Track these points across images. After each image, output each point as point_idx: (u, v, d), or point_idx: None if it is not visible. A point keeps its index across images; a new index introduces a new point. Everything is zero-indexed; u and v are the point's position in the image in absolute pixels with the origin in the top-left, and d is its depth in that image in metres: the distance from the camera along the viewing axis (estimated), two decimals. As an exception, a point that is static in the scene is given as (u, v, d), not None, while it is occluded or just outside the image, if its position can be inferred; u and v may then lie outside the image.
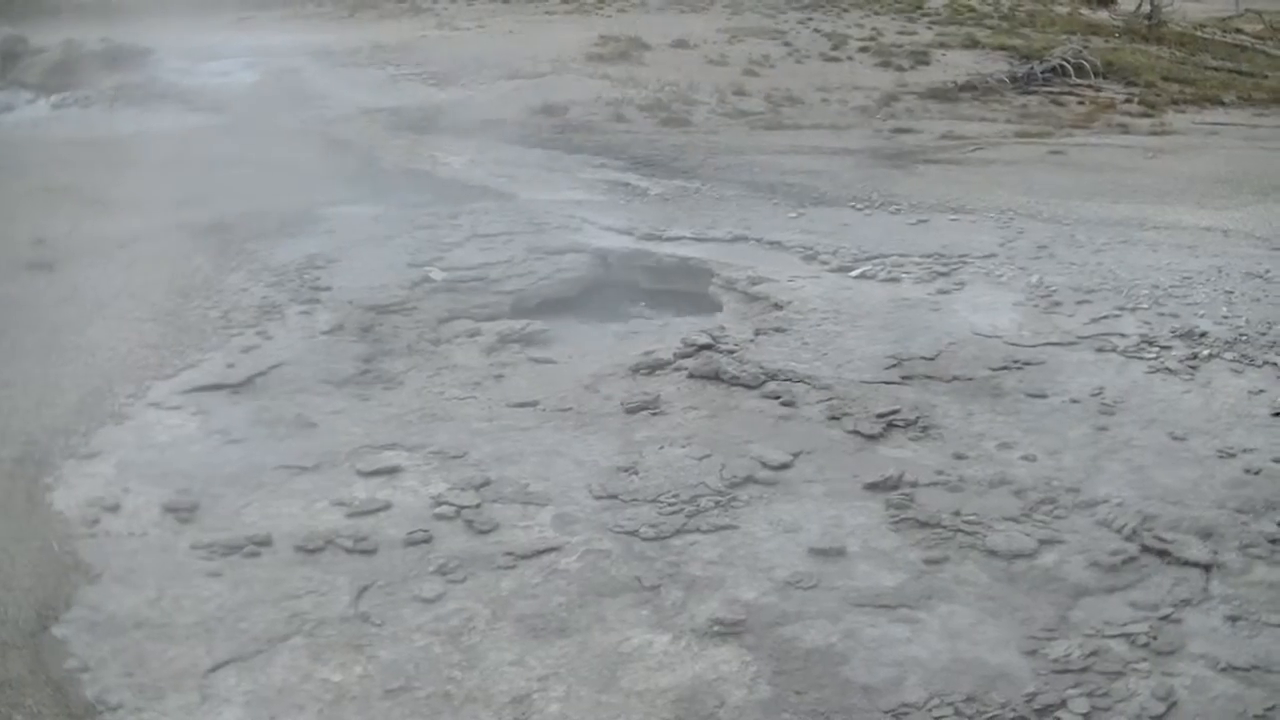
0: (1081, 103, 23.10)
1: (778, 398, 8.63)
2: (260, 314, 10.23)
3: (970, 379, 8.96)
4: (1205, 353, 9.37)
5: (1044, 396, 8.67)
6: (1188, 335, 9.71)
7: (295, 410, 8.44)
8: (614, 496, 7.21)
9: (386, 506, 7.07)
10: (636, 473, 7.51)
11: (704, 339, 9.47)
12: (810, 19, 30.87)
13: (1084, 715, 5.31)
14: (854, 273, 11.42)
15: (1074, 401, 8.58)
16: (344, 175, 14.82)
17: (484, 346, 9.75)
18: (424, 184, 14.64)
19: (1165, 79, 25.39)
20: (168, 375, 8.98)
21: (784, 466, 7.59)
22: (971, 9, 33.78)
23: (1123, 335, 9.76)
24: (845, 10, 32.59)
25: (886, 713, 5.37)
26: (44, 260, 11.52)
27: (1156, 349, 9.46)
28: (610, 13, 31.85)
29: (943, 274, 11.31)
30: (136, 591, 6.24)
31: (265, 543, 6.67)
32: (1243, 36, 32.54)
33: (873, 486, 7.32)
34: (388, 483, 7.38)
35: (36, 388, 8.67)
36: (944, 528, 6.86)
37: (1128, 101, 23.35)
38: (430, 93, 20.81)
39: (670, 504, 7.09)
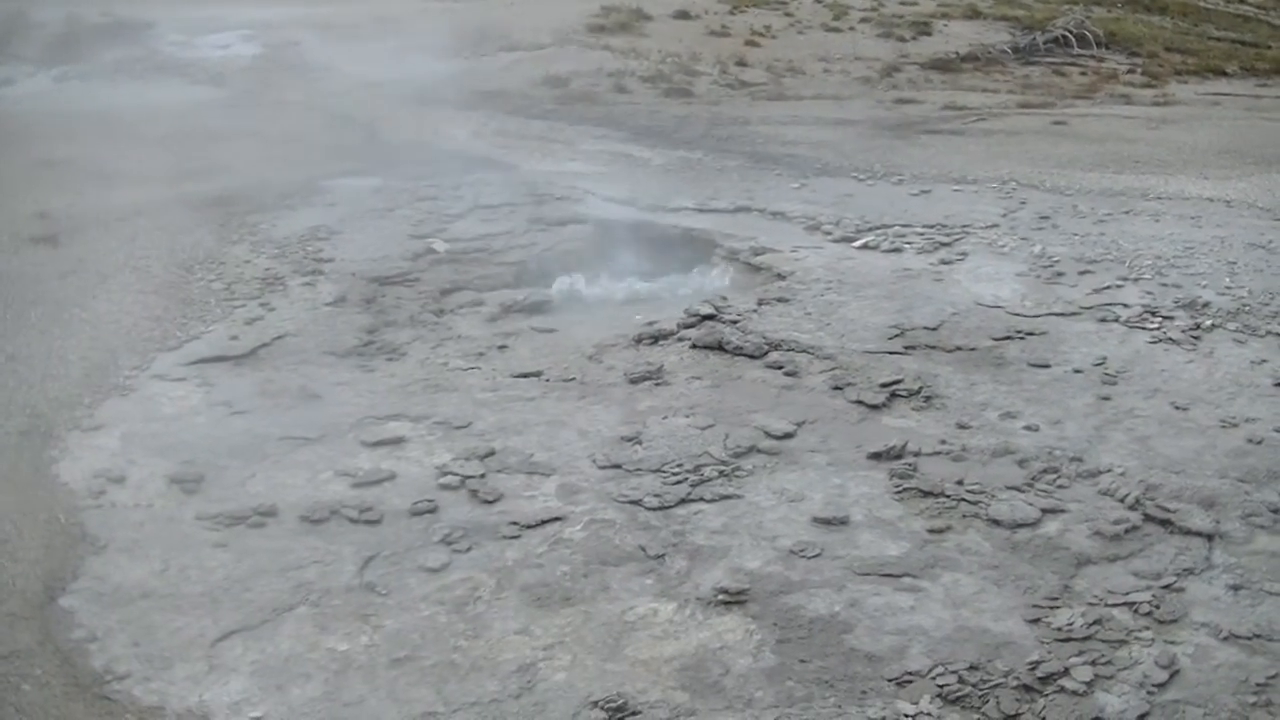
0: (1084, 73, 23.08)
1: (781, 368, 8.63)
2: (263, 286, 10.23)
3: (973, 349, 8.97)
4: (1208, 323, 9.38)
5: (1047, 366, 8.68)
6: (1190, 305, 9.72)
7: (299, 382, 8.45)
8: (618, 466, 7.22)
9: (391, 477, 7.08)
10: (640, 442, 7.52)
11: (707, 309, 9.47)
12: (812, -11, 30.79)
13: (1087, 684, 5.32)
14: (857, 243, 11.43)
15: (1077, 371, 8.59)
16: (346, 147, 14.82)
17: (487, 316, 9.77)
18: (426, 156, 14.62)
19: (1168, 49, 25.36)
20: (172, 348, 8.99)
21: (787, 436, 7.60)
22: (974, -21, 33.68)
23: (1125, 305, 9.76)
24: (847, -20, 32.51)
25: (890, 681, 5.39)
26: (47, 234, 11.52)
27: (1159, 319, 9.47)
28: (611, -18, 31.79)
29: (945, 244, 11.32)
30: (143, 562, 6.26)
31: (270, 513, 6.69)
32: (1246, 6, 32.45)
33: (876, 456, 7.34)
34: (392, 453, 7.39)
35: (41, 361, 8.67)
36: (947, 497, 6.87)
37: (1130, 72, 23.34)
38: (431, 65, 20.76)
39: (674, 474, 7.10)
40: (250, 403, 8.10)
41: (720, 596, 5.95)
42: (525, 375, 8.60)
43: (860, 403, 8.08)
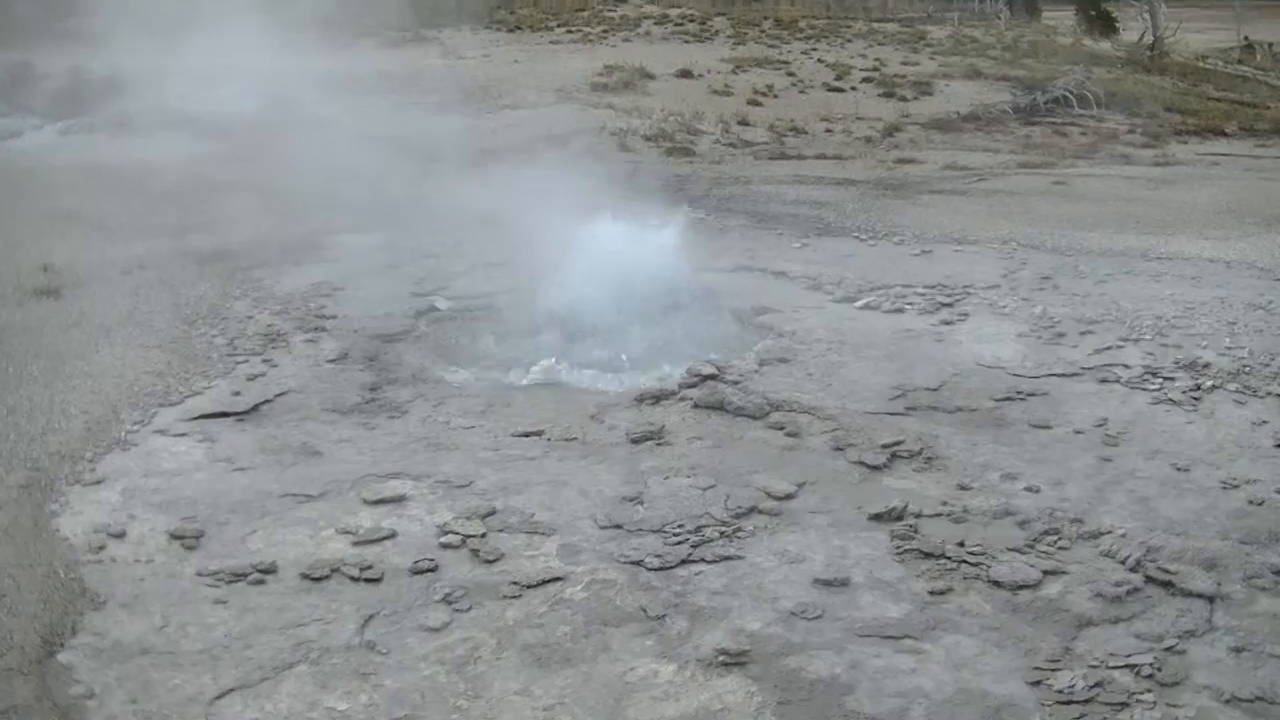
0: (1084, 133, 23.20)
1: (782, 428, 8.64)
2: (266, 342, 10.25)
3: (974, 410, 8.98)
4: (1208, 384, 9.39)
5: (1048, 427, 8.68)
6: (1191, 366, 9.73)
7: (301, 438, 8.46)
8: (619, 526, 7.21)
9: (392, 535, 7.07)
10: (642, 503, 7.52)
11: (708, 369, 9.48)
12: (814, 49, 31.01)
13: (1089, 747, 5.31)
14: (858, 303, 11.46)
15: (1078, 432, 8.60)
16: (348, 203, 14.84)
17: (488, 374, 9.77)
18: (427, 212, 14.65)
19: (1168, 109, 25.49)
20: (174, 402, 9.00)
21: (788, 497, 7.59)
22: (974, 39, 33.94)
23: (1126, 366, 9.78)
24: (848, 41, 32.75)
25: (891, 743, 5.38)
26: (50, 286, 11.55)
27: (1160, 380, 9.48)
28: (615, 42, 32.01)
29: (946, 304, 11.35)
30: (142, 618, 6.24)
31: (271, 570, 6.68)
32: (1244, 67, 32.64)
33: (877, 517, 7.33)
34: (393, 511, 7.38)
35: (42, 414, 8.68)
36: (948, 558, 6.86)
37: (1130, 132, 23.44)
38: (434, 121, 20.84)
39: (675, 534, 7.09)
40: (252, 459, 8.10)
41: (721, 658, 5.93)
42: (527, 434, 8.60)
43: (861, 464, 8.08)
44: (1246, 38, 37.57)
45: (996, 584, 6.61)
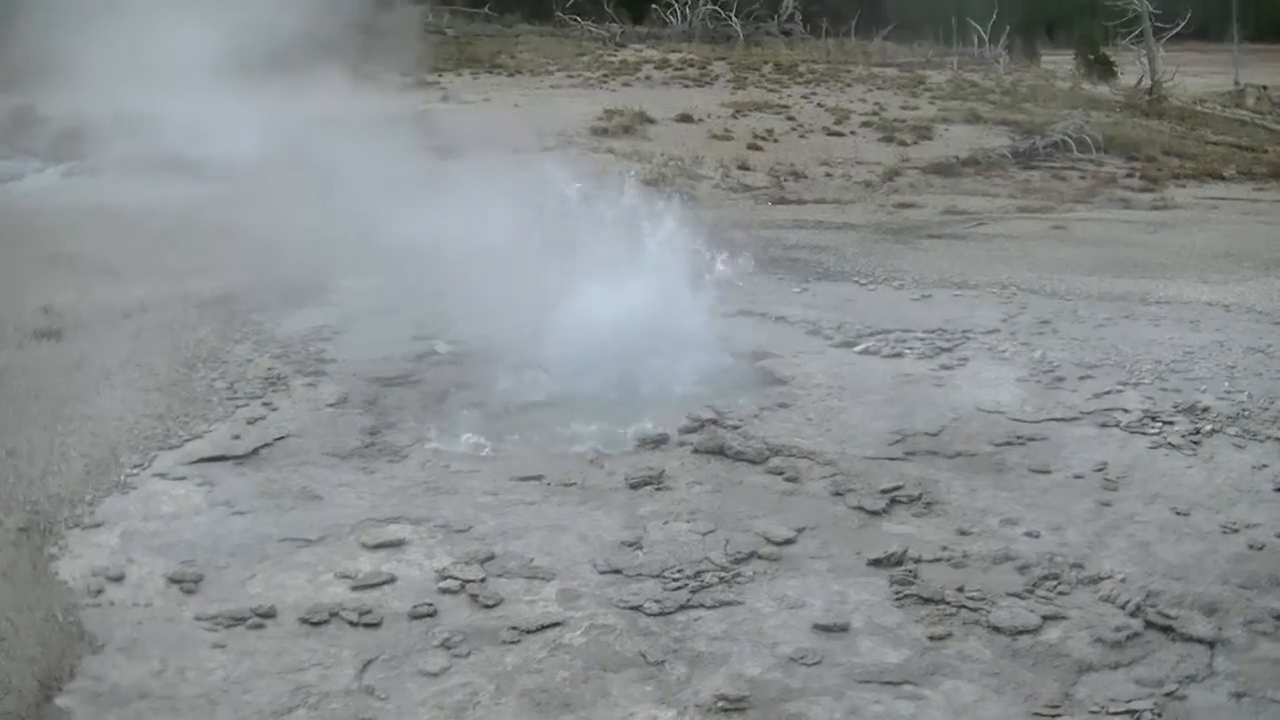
0: (1083, 177, 23.29)
1: (782, 473, 8.64)
2: (266, 385, 10.27)
3: (974, 454, 8.98)
4: (1208, 428, 9.40)
5: (1047, 472, 8.69)
6: (1190, 410, 9.74)
7: (300, 482, 8.46)
8: (618, 571, 7.20)
9: (391, 580, 7.06)
10: (641, 548, 7.51)
11: (708, 413, 9.49)
12: (813, 94, 31.11)
13: (1089, 794, 5.30)
14: (858, 348, 11.48)
15: (1077, 477, 8.60)
16: (348, 247, 14.86)
17: (487, 416, 9.77)
18: (426, 255, 14.66)
19: (1166, 153, 25.60)
20: (173, 446, 9.00)
21: (788, 542, 7.58)
22: (974, 84, 34.05)
23: (1125, 410, 9.78)
24: (848, 85, 32.83)
25: (891, 790, 5.36)
26: (51, 328, 11.56)
27: (1159, 424, 9.49)
28: (615, 86, 32.09)
29: (946, 349, 11.37)
30: (140, 662, 6.23)
31: (270, 615, 6.66)
32: (1242, 111, 32.78)
33: (876, 562, 7.32)
34: (392, 556, 7.37)
35: (42, 457, 8.68)
36: (948, 604, 6.85)
37: (1129, 176, 23.54)
38: (434, 164, 20.88)
39: (674, 579, 7.08)
40: (251, 503, 8.10)
41: (720, 703, 5.91)
42: (526, 479, 8.60)
43: (861, 509, 8.08)
44: (1237, 81, 37.77)
45: (996, 629, 6.60)
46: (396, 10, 27.89)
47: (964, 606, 6.81)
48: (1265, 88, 36.11)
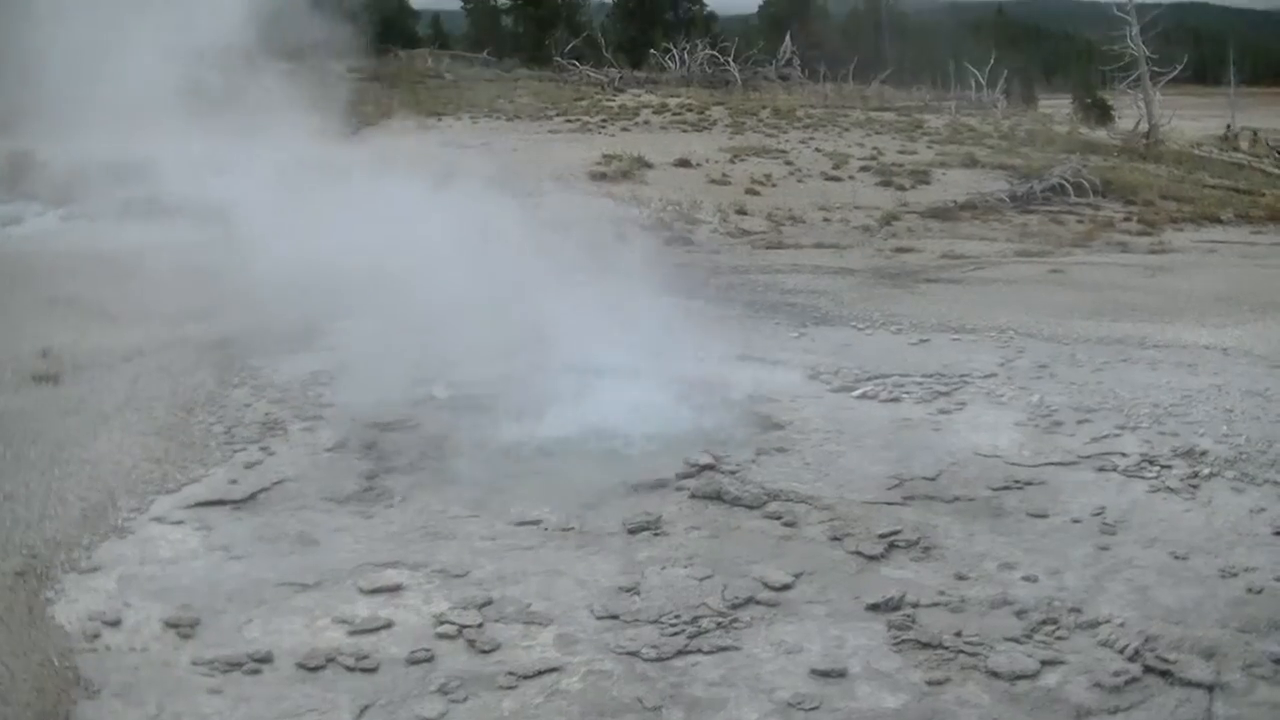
0: (1081, 221, 23.36)
1: (779, 518, 8.63)
2: (263, 430, 10.27)
3: (972, 499, 8.98)
4: (1206, 471, 9.39)
5: (1045, 516, 8.67)
6: (1188, 454, 9.73)
7: (298, 527, 8.45)
8: (616, 617, 7.18)
9: (388, 625, 7.05)
10: (638, 593, 7.49)
11: (705, 459, 9.49)
12: (812, 138, 31.24)
13: (1088, 840, 5.28)
14: (855, 392, 11.48)
15: (1075, 521, 8.58)
16: (346, 291, 14.87)
17: (486, 460, 9.76)
18: (424, 299, 14.68)
19: (1163, 197, 25.70)
20: (171, 490, 9.00)
21: (786, 587, 7.56)
22: (971, 128, 34.23)
23: (1123, 454, 9.78)
24: (846, 130, 32.99)
25: (889, 837, 5.34)
26: (49, 372, 11.58)
27: (1157, 468, 9.48)
28: (613, 131, 32.23)
29: (944, 394, 11.37)
30: (137, 707, 6.21)
31: (266, 660, 6.64)
32: (1239, 154, 32.91)
33: (874, 607, 7.30)
34: (390, 601, 7.35)
35: (39, 500, 8.68)
36: (946, 648, 6.83)
37: (1127, 219, 23.62)
38: (431, 210, 20.89)
39: (672, 624, 7.06)
40: (248, 547, 8.09)
41: (718, 749, 5.90)
42: (524, 523, 8.58)
43: (859, 553, 8.06)
44: (1229, 126, 37.95)
45: (994, 674, 6.58)
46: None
47: (962, 651, 6.79)
48: (1256, 131, 36.25)
